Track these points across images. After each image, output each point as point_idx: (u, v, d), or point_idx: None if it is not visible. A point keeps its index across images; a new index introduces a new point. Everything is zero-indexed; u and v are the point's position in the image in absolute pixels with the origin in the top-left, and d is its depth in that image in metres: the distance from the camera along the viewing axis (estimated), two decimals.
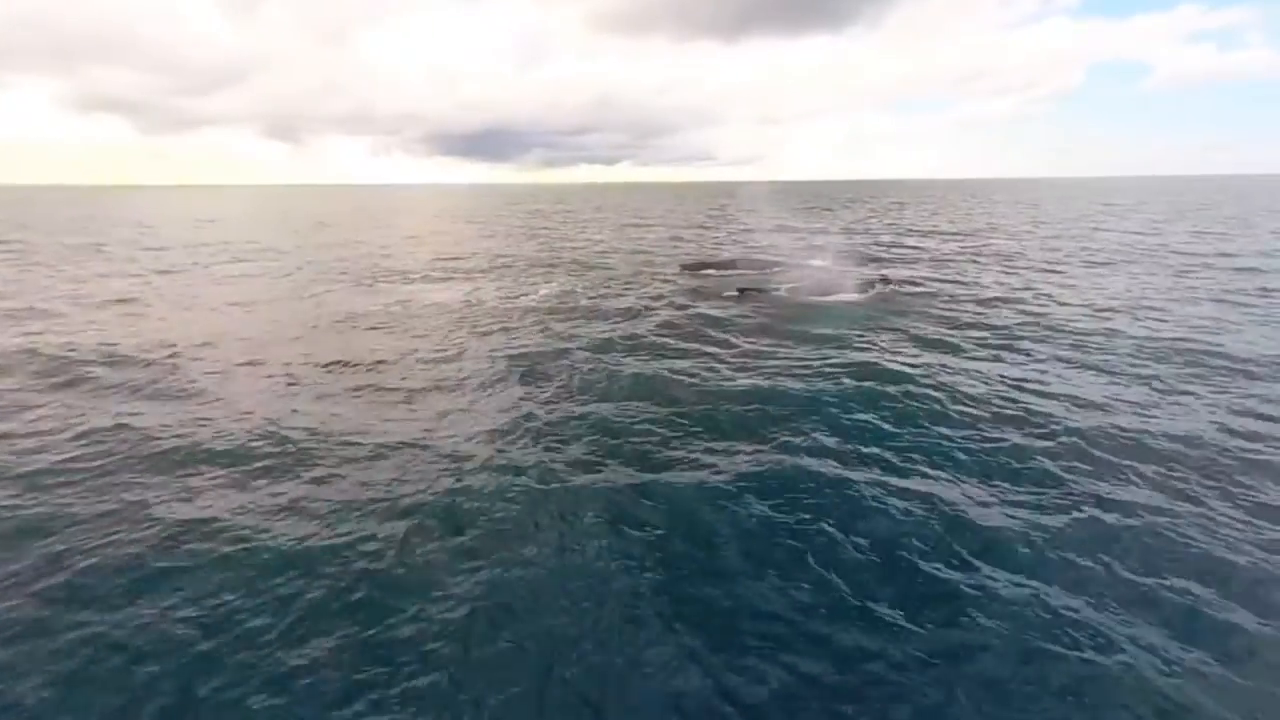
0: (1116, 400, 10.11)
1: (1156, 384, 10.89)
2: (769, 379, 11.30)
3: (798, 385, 10.88)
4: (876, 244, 32.44)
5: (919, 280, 20.86)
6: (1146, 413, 9.61)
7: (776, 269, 23.59)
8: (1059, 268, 23.02)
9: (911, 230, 40.05)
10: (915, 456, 8.19)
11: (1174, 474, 7.75)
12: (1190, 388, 10.65)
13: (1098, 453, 8.27)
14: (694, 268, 24.24)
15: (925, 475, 7.73)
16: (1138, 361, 12.15)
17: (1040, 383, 10.89)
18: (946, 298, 18.17)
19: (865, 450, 8.35)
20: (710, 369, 12.04)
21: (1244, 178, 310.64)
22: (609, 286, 21.14)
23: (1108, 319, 15.40)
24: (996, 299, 17.94)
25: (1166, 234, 35.05)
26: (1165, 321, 15.08)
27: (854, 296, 18.22)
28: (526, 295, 19.68)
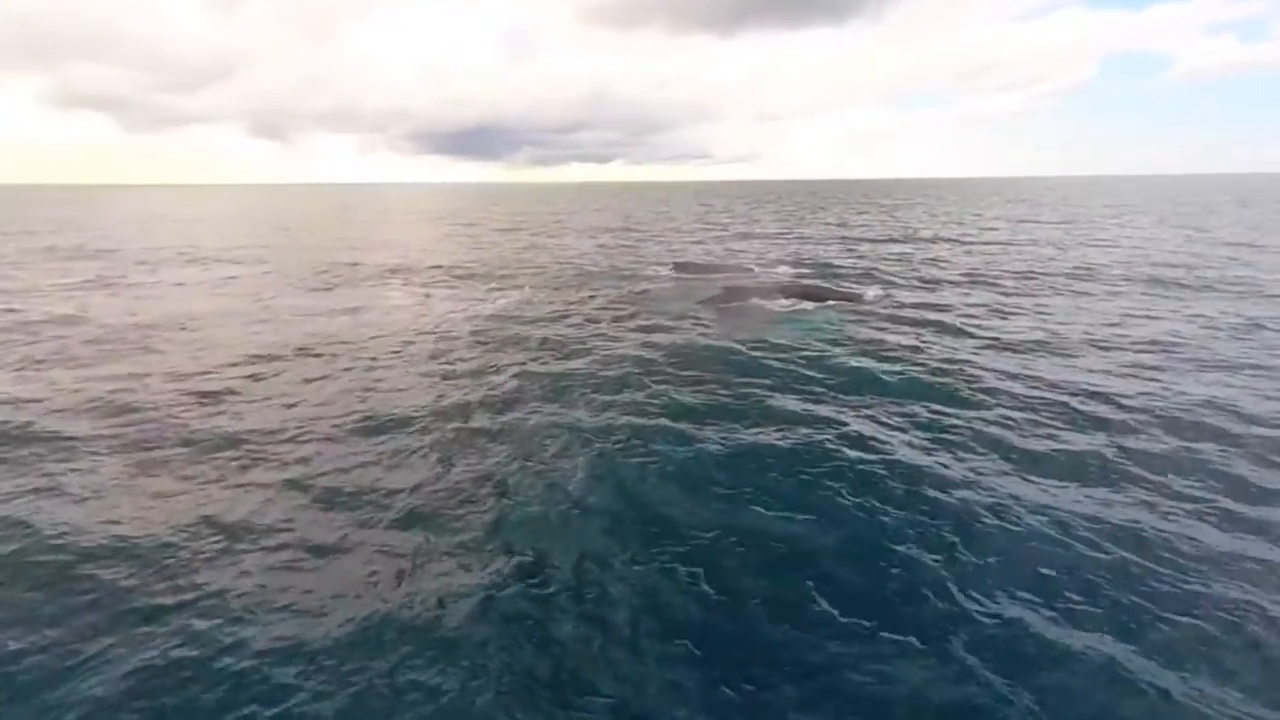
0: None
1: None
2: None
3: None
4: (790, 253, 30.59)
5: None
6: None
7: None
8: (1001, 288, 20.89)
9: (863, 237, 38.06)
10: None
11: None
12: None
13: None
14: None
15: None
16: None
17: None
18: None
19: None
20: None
21: (1267, 176, 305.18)
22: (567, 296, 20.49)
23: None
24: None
25: (1127, 242, 33.26)
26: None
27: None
28: (477, 306, 19.01)
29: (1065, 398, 10.37)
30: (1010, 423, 9.43)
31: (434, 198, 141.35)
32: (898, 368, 11.92)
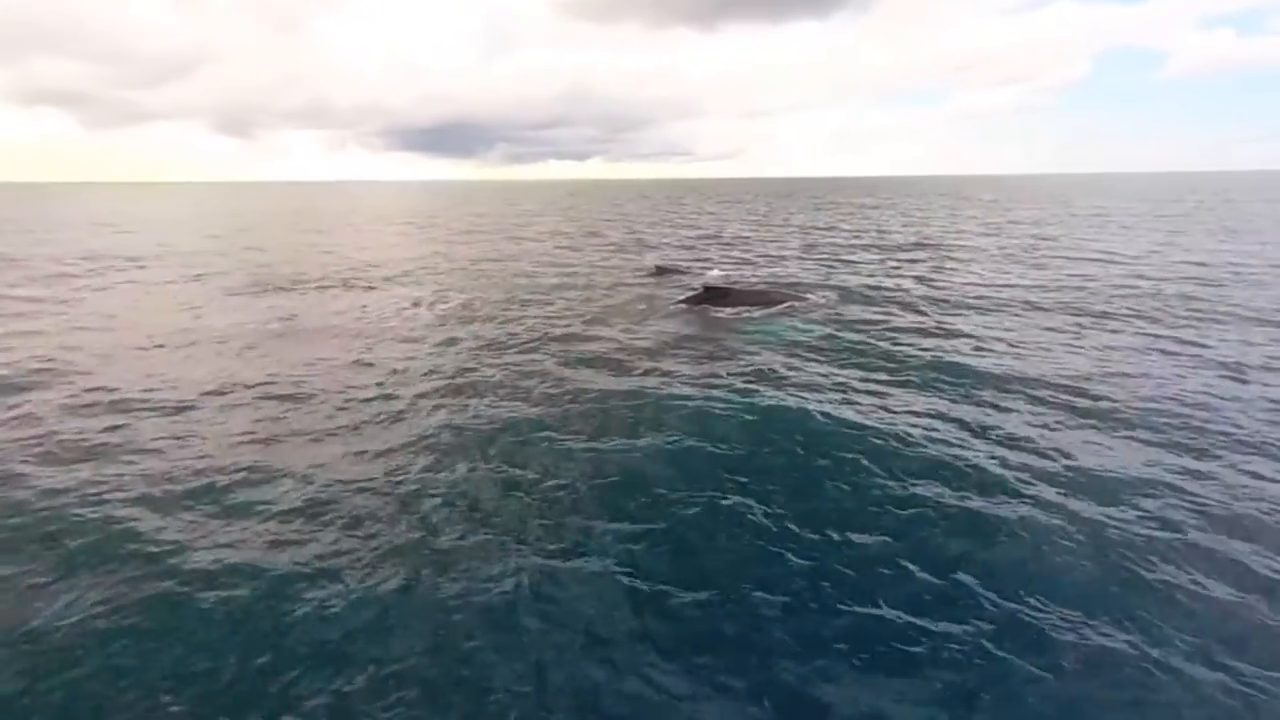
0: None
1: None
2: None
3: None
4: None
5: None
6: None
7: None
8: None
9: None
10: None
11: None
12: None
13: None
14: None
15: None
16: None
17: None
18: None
19: None
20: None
21: (1269, 174, 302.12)
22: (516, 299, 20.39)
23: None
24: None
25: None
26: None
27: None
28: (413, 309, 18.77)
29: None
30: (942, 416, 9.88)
31: (402, 196, 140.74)
32: (834, 369, 12.34)
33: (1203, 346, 13.64)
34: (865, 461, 8.32)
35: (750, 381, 11.55)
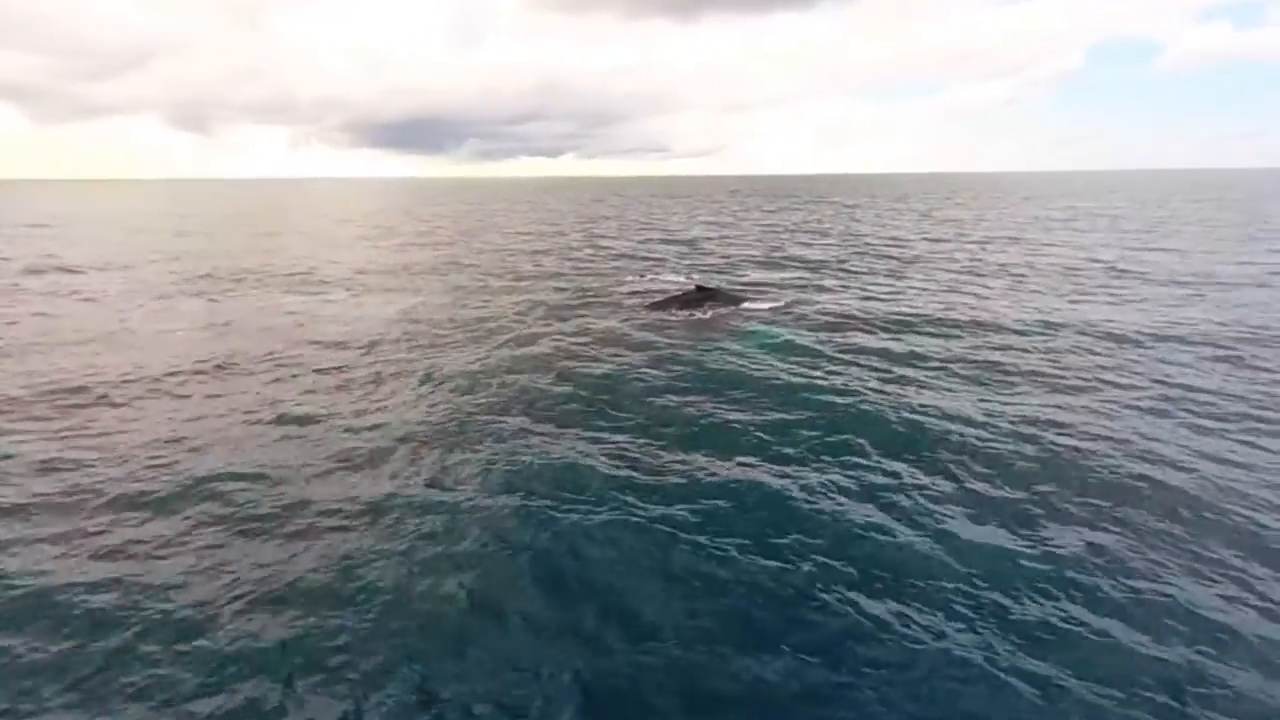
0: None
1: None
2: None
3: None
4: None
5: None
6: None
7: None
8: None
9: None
10: None
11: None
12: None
13: None
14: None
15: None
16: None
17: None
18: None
19: None
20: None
21: (1264, 172, 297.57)
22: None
23: None
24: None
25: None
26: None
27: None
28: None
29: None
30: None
31: (365, 195, 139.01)
32: (770, 373, 12.56)
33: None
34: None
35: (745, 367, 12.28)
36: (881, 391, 11.42)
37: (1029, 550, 6.84)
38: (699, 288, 18.96)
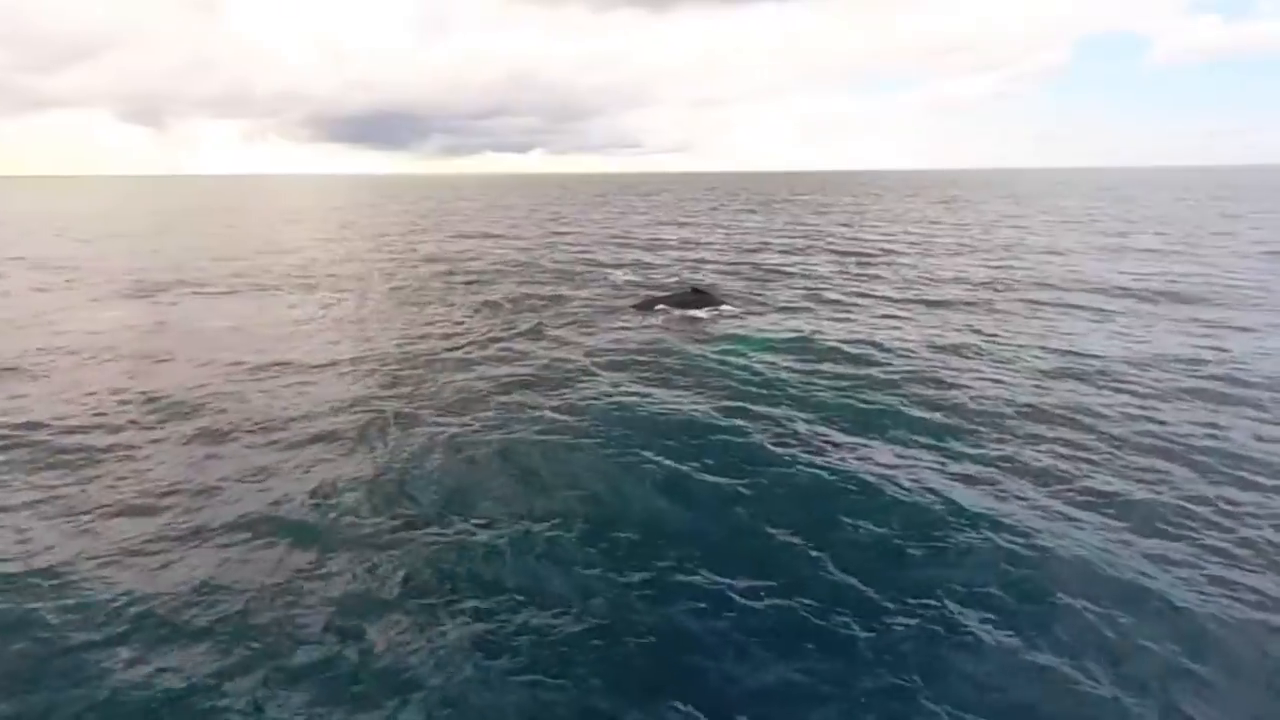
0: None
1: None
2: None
3: None
4: None
5: None
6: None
7: None
8: None
9: None
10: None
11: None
12: None
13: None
14: None
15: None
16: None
17: None
18: None
19: None
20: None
21: (1251, 169, 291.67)
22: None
23: None
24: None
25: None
26: None
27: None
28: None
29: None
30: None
31: (321, 192, 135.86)
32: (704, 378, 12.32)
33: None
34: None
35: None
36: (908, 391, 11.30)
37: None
38: (694, 290, 18.71)
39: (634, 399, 10.93)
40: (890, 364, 12.63)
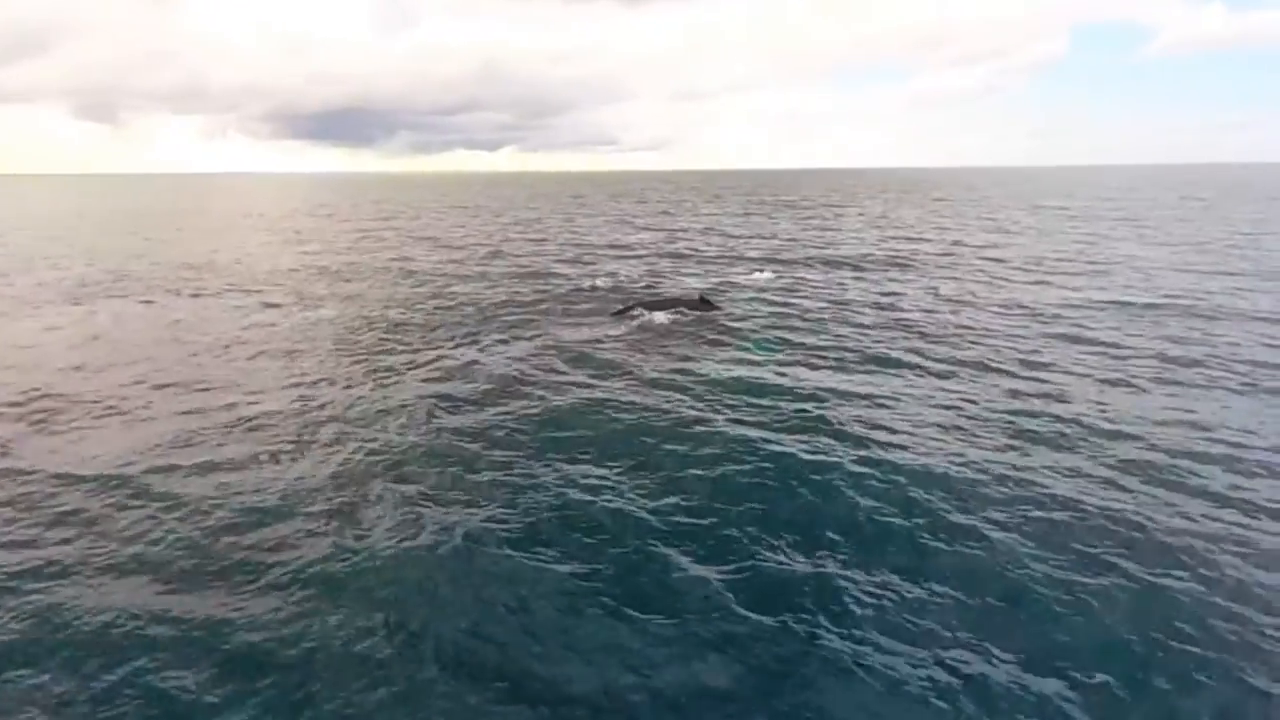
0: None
1: None
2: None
3: None
4: None
5: None
6: None
7: None
8: None
9: None
10: None
11: None
12: None
13: None
14: None
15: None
16: None
17: None
18: None
19: None
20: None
21: (1258, 166, 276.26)
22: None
23: None
24: None
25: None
26: None
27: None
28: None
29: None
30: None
31: (275, 189, 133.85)
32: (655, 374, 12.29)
33: None
34: None
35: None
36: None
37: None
38: (703, 298, 18.24)
39: (611, 402, 10.63)
40: (882, 371, 12.27)
